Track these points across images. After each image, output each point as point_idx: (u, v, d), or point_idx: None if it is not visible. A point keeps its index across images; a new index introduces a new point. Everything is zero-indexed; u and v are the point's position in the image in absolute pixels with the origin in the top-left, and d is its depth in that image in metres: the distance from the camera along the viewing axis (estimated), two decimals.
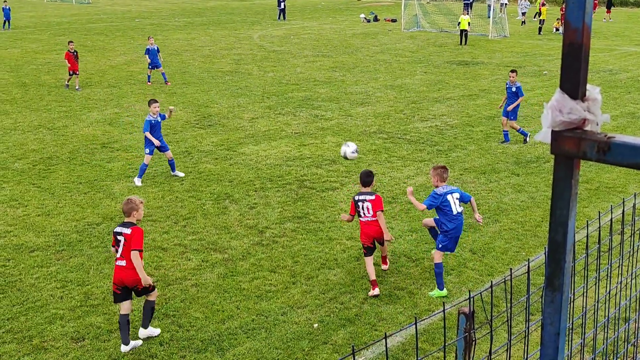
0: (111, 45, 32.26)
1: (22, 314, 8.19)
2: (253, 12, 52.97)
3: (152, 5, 59.50)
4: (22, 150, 14.96)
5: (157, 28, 40.26)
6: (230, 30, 39.26)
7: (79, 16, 48.23)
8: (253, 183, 12.95)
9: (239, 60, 28.21)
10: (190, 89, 22.04)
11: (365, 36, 36.68)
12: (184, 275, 9.23)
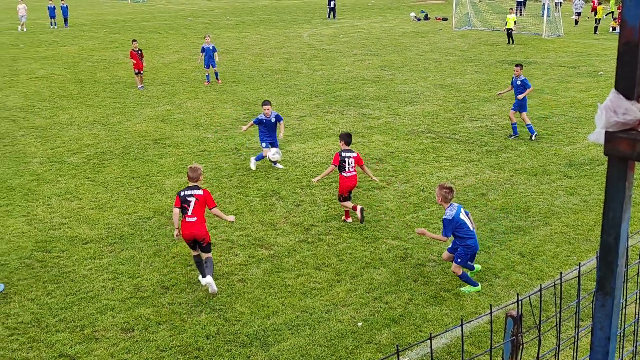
0: (164, 44, 32.89)
1: (75, 304, 8.44)
2: (303, 11, 53.19)
3: (204, 4, 60.39)
4: (78, 145, 15.40)
5: (209, 26, 40.84)
6: (280, 29, 39.52)
7: (134, 14, 49.34)
8: (300, 181, 13.01)
9: (288, 58, 28.37)
10: (240, 87, 22.29)
11: (415, 35, 36.40)
12: (230, 270, 9.35)
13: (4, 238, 10.34)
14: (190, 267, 9.38)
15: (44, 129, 16.85)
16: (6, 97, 20.50)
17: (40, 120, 17.75)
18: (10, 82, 23.00)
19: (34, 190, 12.47)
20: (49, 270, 9.30)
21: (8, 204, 11.73)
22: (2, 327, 7.88)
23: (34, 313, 8.18)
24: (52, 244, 10.14)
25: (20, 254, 9.78)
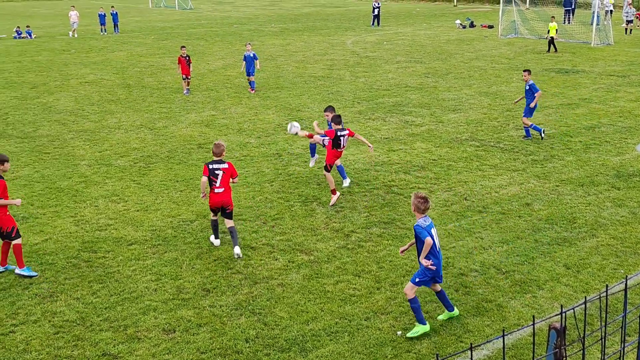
0: (210, 50, 33.38)
1: (119, 304, 8.61)
2: (347, 18, 53.29)
3: (250, 12, 61.09)
4: (125, 149, 15.74)
5: (254, 34, 41.29)
6: (324, 36, 39.67)
7: (181, 21, 50.24)
8: (340, 187, 13.00)
9: (331, 65, 28.46)
10: (283, 93, 22.44)
11: (460, 42, 36.07)
12: (270, 274, 9.40)
13: (52, 238, 10.62)
14: (231, 271, 9.48)
15: (92, 132, 17.28)
16: (57, 101, 21.10)
17: (89, 123, 18.20)
18: (62, 86, 23.66)
19: (82, 192, 12.78)
20: (95, 270, 9.51)
21: (57, 205, 12.06)
22: (48, 325, 8.10)
23: (79, 312, 8.37)
24: (98, 245, 10.37)
25: (68, 254, 10.03)
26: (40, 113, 19.45)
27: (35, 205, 12.03)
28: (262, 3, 75.34)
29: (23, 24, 42.47)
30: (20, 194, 12.57)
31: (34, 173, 13.88)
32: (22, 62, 29.54)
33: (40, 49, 33.80)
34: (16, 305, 8.53)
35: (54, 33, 41.41)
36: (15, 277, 9.25)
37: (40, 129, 17.62)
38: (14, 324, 8.12)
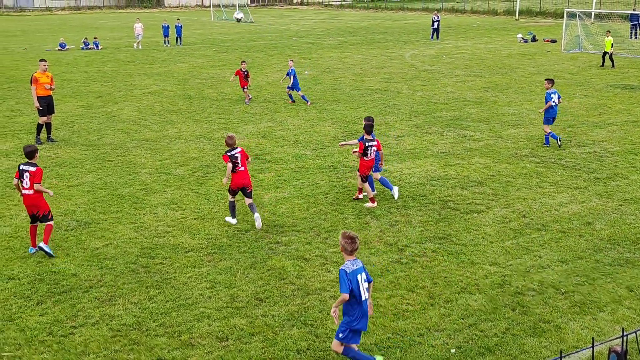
0: (269, 62, 33.84)
1: (174, 310, 8.76)
2: (406, 31, 53.15)
3: (309, 25, 61.68)
4: (184, 158, 16.07)
5: (312, 46, 41.65)
6: (382, 49, 39.66)
7: (242, 34, 51.15)
8: (395, 200, 12.92)
9: (389, 78, 28.40)
10: (340, 105, 22.51)
11: (521, 56, 35.45)
12: (323, 286, 9.40)
13: (112, 243, 10.92)
14: (284, 281, 9.52)
15: (153, 141, 17.73)
16: (121, 111, 21.76)
17: (151, 133, 18.69)
18: (126, 96, 24.40)
19: (142, 199, 13.11)
20: (152, 276, 9.72)
21: (118, 212, 12.40)
22: (106, 328, 8.30)
23: (136, 316, 8.56)
24: (156, 251, 10.60)
25: (127, 259, 10.29)
26: (105, 122, 20.09)
27: (98, 211, 12.40)
28: (321, 16, 75.97)
29: (90, 35, 44.07)
30: (83, 199, 13.00)
31: (97, 180, 14.32)
32: (89, 72, 30.62)
33: (106, 60, 34.98)
34: (76, 308, 8.79)
35: (119, 45, 42.80)
36: (76, 281, 9.55)
37: (105, 137, 18.19)
38: (74, 325, 8.36)
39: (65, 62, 34.13)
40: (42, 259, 10.28)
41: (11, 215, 12.16)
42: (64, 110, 21.64)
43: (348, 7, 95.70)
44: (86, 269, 9.92)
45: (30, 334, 8.14)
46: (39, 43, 43.99)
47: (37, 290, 9.27)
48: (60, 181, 14.19)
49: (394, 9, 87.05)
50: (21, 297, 9.06)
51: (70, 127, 19.34)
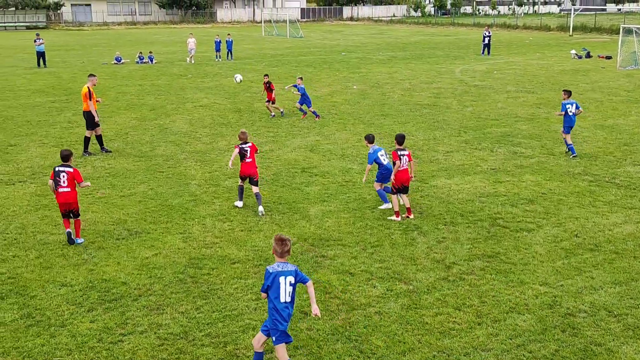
0: (318, 77, 34.06)
1: (220, 320, 8.84)
2: (456, 46, 52.78)
3: (358, 40, 61.93)
4: (232, 170, 16.27)
5: (361, 61, 41.76)
6: (431, 65, 39.47)
7: (292, 49, 51.69)
8: (443, 217, 12.78)
9: (438, 94, 28.21)
10: (387, 120, 22.47)
11: (574, 73, 34.74)
12: (368, 301, 9.35)
13: (161, 253, 11.12)
14: (329, 295, 9.51)
15: (203, 153, 18.02)
16: (173, 123, 22.21)
17: (201, 145, 19.01)
18: (177, 109, 24.91)
19: (191, 210, 13.32)
20: (199, 286, 9.84)
21: (167, 222, 12.63)
22: (154, 336, 8.44)
23: (183, 326, 8.68)
24: (204, 262, 10.74)
25: (175, 269, 10.46)
26: (157, 134, 20.54)
27: (148, 221, 12.65)
28: (371, 32, 76.19)
29: (145, 49, 45.25)
30: (135, 209, 13.29)
31: (149, 190, 14.63)
32: (143, 85, 31.41)
33: (160, 74, 35.82)
34: (125, 316, 8.97)
35: (173, 59, 43.79)
36: (126, 289, 9.74)
37: (157, 149, 18.59)
38: (123, 333, 8.52)
39: (121, 76, 35.10)
40: (93, 267, 10.54)
41: None
42: (118, 122, 22.23)
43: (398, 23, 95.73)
44: (136, 278, 10.12)
45: (81, 340, 8.34)
46: (96, 57, 45.40)
47: (88, 297, 9.49)
48: (113, 191, 14.55)
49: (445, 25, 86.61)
50: (73, 304, 9.29)
51: (124, 139, 19.83)
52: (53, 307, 9.19)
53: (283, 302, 7.05)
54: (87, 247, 11.29)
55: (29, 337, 8.38)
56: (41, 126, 21.50)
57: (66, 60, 42.89)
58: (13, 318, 8.85)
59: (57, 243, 11.52)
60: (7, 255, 10.96)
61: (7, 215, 12.90)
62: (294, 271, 7.11)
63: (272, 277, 7.03)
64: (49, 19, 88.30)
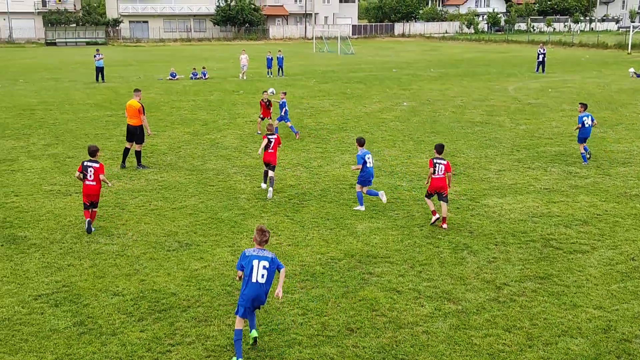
0: (368, 93, 34.09)
1: (267, 334, 8.88)
2: (510, 64, 52.08)
3: (410, 57, 61.79)
4: (281, 185, 16.40)
5: (412, 78, 41.62)
6: (484, 82, 39.02)
7: (342, 65, 51.94)
8: (494, 236, 12.56)
9: (490, 111, 27.85)
10: (438, 137, 22.28)
11: (633, 92, 33.79)
12: (415, 320, 9.23)
13: (210, 265, 11.26)
14: (376, 313, 9.44)
15: (253, 168, 18.22)
16: (224, 138, 22.56)
17: (251, 160, 19.23)
18: (229, 124, 25.30)
19: (240, 223, 13.46)
20: None
21: (217, 235, 12.79)
22: (201, 347, 8.53)
23: (230, 338, 8.73)
24: None
25: (223, 281, 10.56)
26: (209, 148, 20.88)
27: (198, 234, 12.84)
28: (423, 48, 75.94)
29: (199, 65, 46.21)
30: (185, 222, 13.51)
31: (199, 203, 14.86)
32: (196, 100, 32.04)
33: (213, 89, 36.48)
34: (174, 326, 9.09)
35: (225, 75, 44.56)
36: (175, 300, 9.89)
37: (208, 163, 18.90)
38: (171, 343, 8.64)
39: (175, 91, 35.90)
40: (144, 277, 10.74)
41: (119, 234, 12.82)
42: (171, 137, 22.71)
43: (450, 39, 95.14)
44: (185, 289, 10.27)
45: (131, 349, 8.49)
46: (152, 72, 46.60)
47: (139, 307, 9.67)
48: (165, 203, 14.84)
49: (498, 41, 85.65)
50: (124, 313, 9.48)
51: (176, 153, 20.24)
52: (105, 315, 9.40)
53: (255, 282, 8.05)
54: (138, 258, 11.53)
55: (81, 344, 8.59)
56: (98, 139, 22.14)
57: (123, 76, 44.16)
58: (66, 325, 9.09)
59: (110, 253, 11.80)
60: (63, 264, 11.29)
61: (64, 225, 13.30)
62: (271, 258, 8.15)
63: (247, 259, 8.12)
64: (108, 35, 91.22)
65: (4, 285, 10.39)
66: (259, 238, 8.20)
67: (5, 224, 13.34)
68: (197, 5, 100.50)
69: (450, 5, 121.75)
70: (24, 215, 13.93)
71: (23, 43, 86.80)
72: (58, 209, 14.34)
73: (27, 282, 10.49)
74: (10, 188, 15.98)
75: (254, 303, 8.16)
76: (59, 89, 36.45)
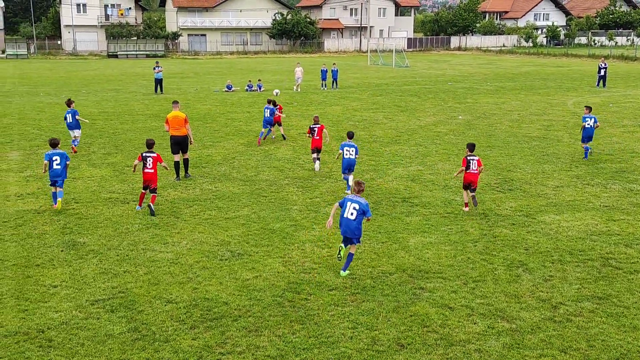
0: (422, 106, 33.86)
1: (316, 346, 8.86)
2: (569, 78, 50.90)
3: (465, 70, 61.12)
4: (333, 197, 16.41)
5: (467, 92, 41.14)
6: (542, 96, 38.24)
7: (397, 78, 51.78)
8: (550, 254, 12.23)
9: (548, 126, 27.24)
10: (494, 152, 21.92)
11: None
12: (467, 338, 9.06)
13: (261, 275, 11.33)
14: (427, 329, 9.30)
15: (305, 179, 18.31)
16: (277, 149, 22.76)
17: (303, 171, 19.33)
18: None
19: (292, 234, 13.52)
20: (297, 311, 9.93)
21: (268, 245, 12.88)
22: (251, 357, 8.58)
23: (279, 349, 8.76)
24: (302, 287, 10.84)
25: (274, 292, 10.62)
26: (262, 159, 21.10)
27: (250, 244, 12.96)
28: (479, 62, 75.03)
29: (254, 78, 46.85)
30: (238, 231, 13.66)
31: (252, 214, 15.01)
32: (251, 112, 32.46)
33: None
34: (225, 335, 9.18)
35: (280, 87, 45.03)
36: (226, 309, 9.99)
37: (261, 173, 19.10)
38: (222, 352, 8.72)
39: (231, 103, 36.49)
40: (197, 285, 10.89)
41: (173, 242, 13.06)
42: (226, 147, 23.05)
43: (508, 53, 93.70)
44: (236, 299, 10.36)
45: (183, 356, 8.61)
46: (209, 84, 47.51)
47: (191, 315, 9.81)
48: (219, 213, 15.05)
49: (557, 55, 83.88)
50: (177, 320, 9.63)
51: (230, 163, 20.53)
52: (158, 322, 9.57)
53: (345, 217, 11.07)
54: (192, 266, 11.71)
55: (135, 350, 8.76)
56: (155, 149, 22.64)
57: (181, 87, 45.16)
58: (121, 331, 9.30)
59: (164, 261, 12.03)
60: (119, 270, 11.57)
61: (121, 232, 13.64)
62: (363, 204, 11.01)
63: (344, 201, 11.18)
64: (167, 48, 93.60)
65: (63, 289, 10.71)
66: (356, 188, 11.12)
67: (65, 229, 13.78)
68: (254, 19, 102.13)
69: (508, 18, 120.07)
70: (84, 221, 14.35)
71: (86, 55, 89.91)
72: (116, 217, 14.72)
73: (84, 287, 10.79)
74: (71, 195, 16.51)
75: (345, 234, 11.15)
76: (119, 100, 37.56)
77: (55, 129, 26.88)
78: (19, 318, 9.64)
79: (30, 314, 9.77)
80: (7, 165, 20.04)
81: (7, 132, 26.12)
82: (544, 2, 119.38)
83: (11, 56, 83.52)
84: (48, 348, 8.77)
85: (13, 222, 14.26)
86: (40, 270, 11.50)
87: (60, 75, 57.09)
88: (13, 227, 13.91)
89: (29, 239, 13.17)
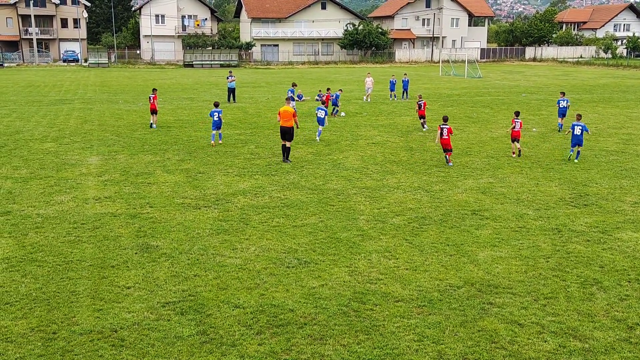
0: (494, 118, 33.21)
1: (381, 357, 8.81)
2: None
3: (540, 81, 59.58)
4: (401, 208, 16.31)
5: (542, 103, 40.08)
6: (621, 109, 36.82)
7: (469, 89, 51.01)
8: (627, 273, 11.73)
9: (627, 140, 26.19)
10: (568, 166, 21.26)
11: None
12: (537, 356, 8.80)
13: (327, 284, 11.38)
14: (495, 345, 9.10)
15: (373, 189, 18.27)
16: (346, 159, 22.84)
17: (371, 181, 19.30)
18: (351, 145, 25.58)
19: (358, 244, 13.52)
20: (362, 321, 9.91)
21: (335, 254, 12.93)
22: None
23: (344, 358, 8.76)
24: (367, 297, 10.81)
25: (339, 301, 10.64)
26: (330, 168, 21.21)
27: (317, 252, 13.04)
28: (554, 73, 73.02)
29: (324, 87, 47.18)
30: (305, 240, 13.77)
31: (319, 222, 15.10)
32: None
33: None
34: (290, 342, 9.26)
35: (350, 97, 45.18)
36: (292, 316, 10.08)
37: (329, 183, 19.19)
38: (287, 359, 8.80)
39: (300, 112, 36.86)
40: (264, 291, 11.04)
41: (242, 248, 13.30)
42: (295, 156, 23.31)
43: (585, 64, 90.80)
44: (302, 306, 10.44)
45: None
46: (280, 94, 48.19)
47: (258, 320, 9.96)
48: (287, 221, 15.22)
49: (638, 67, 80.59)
50: (244, 325, 9.79)
51: (299, 172, 20.73)
52: (226, 326, 9.75)
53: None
54: (259, 272, 11.88)
55: (202, 353, 8.96)
56: (227, 156, 23.16)
57: (253, 96, 46.00)
58: (190, 333, 9.53)
59: (233, 266, 12.26)
60: (190, 274, 11.87)
61: (192, 237, 14.00)
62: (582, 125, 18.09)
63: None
64: (240, 57, 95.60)
65: (136, 291, 11.08)
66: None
67: (140, 233, 14.26)
68: (326, 30, 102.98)
69: (587, 29, 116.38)
70: (157, 225, 14.82)
71: (163, 64, 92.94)
72: (188, 221, 15.12)
73: (156, 290, 11.13)
74: (146, 200, 17.08)
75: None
76: (193, 108, 38.61)
77: (132, 135, 27.91)
78: (94, 317, 10.04)
79: (104, 314, 10.15)
80: (87, 169, 20.94)
81: (87, 138, 27.30)
82: (624, 13, 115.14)
83: (93, 64, 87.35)
84: (120, 347, 9.09)
85: (91, 224, 14.87)
86: (115, 272, 11.94)
87: (139, 83, 59.24)
88: (90, 229, 14.51)
89: (105, 241, 13.70)
